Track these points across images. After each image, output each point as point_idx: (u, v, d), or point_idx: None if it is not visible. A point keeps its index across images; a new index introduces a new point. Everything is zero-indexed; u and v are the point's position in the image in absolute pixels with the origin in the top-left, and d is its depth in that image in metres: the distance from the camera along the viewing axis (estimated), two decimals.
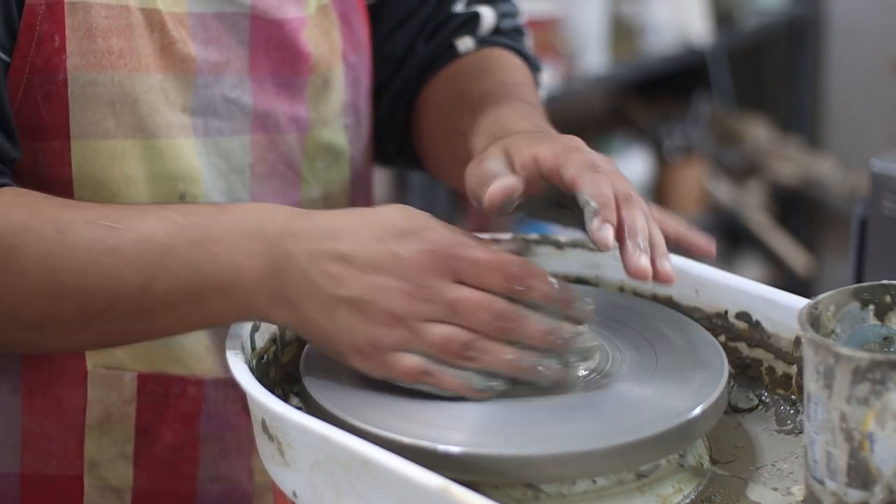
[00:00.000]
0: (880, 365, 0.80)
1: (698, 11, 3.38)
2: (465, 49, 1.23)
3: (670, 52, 3.35)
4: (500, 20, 1.25)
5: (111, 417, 1.09)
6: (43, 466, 1.09)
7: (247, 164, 1.11)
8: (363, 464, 0.81)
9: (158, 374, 1.10)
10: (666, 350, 0.97)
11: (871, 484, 0.82)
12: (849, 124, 3.61)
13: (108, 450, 1.10)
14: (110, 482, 1.10)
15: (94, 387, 1.09)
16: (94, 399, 1.09)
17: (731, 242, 3.70)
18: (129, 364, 1.09)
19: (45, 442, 1.09)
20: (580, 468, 0.86)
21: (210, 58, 1.08)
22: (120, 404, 1.09)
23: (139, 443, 1.10)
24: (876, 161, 1.23)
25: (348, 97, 1.18)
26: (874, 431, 0.81)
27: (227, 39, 1.09)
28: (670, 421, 0.88)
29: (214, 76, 1.08)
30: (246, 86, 1.10)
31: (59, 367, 1.08)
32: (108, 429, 1.10)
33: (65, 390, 1.09)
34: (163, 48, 1.06)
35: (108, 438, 1.10)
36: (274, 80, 1.12)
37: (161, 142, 1.06)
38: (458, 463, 0.84)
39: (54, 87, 1.02)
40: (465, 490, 0.77)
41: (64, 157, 1.04)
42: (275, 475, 0.89)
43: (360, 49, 1.19)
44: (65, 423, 1.09)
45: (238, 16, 1.09)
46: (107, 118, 1.04)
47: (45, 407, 1.09)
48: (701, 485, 0.91)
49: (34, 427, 1.09)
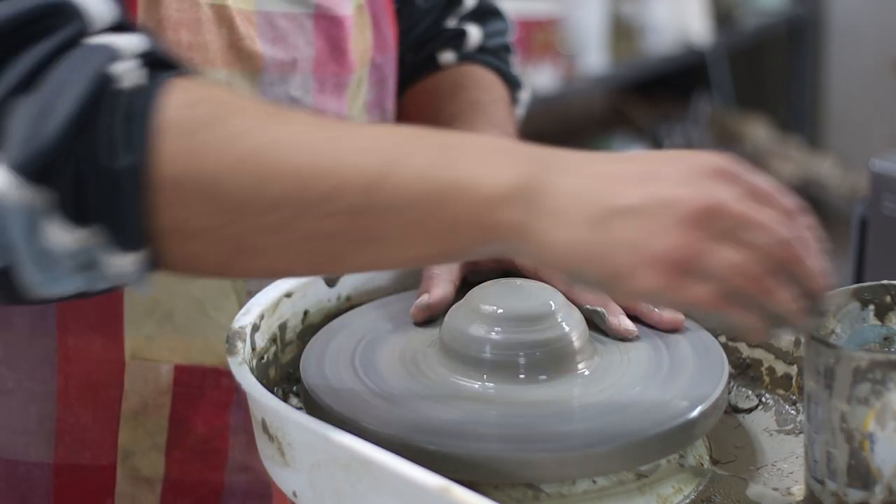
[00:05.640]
0: (880, 365, 0.80)
1: (698, 11, 3.39)
2: (444, 62, 1.27)
3: (670, 52, 3.36)
4: (487, 39, 1.29)
5: (147, 408, 1.10)
6: (76, 457, 1.10)
7: None
8: (363, 464, 0.81)
9: (194, 366, 1.10)
10: (666, 350, 0.97)
11: (871, 484, 0.82)
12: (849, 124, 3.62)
13: (142, 440, 1.10)
14: (142, 472, 1.11)
15: (132, 378, 1.09)
16: (131, 390, 1.09)
17: None
18: (167, 356, 1.09)
19: (80, 432, 1.10)
20: (580, 468, 0.86)
21: (277, 57, 1.09)
22: (156, 395, 1.10)
23: (172, 433, 1.11)
24: (876, 161, 1.23)
25: (372, 96, 1.19)
26: (874, 431, 0.81)
27: (295, 39, 1.10)
28: (670, 421, 0.88)
29: (280, 75, 1.09)
30: (309, 85, 1.11)
31: (96, 358, 1.09)
32: (143, 420, 1.10)
33: (102, 381, 1.09)
34: (230, 44, 1.06)
35: (143, 429, 1.10)
36: (332, 81, 1.13)
37: None
38: (458, 463, 0.84)
39: None
40: (465, 490, 0.77)
41: None
42: (275, 475, 0.89)
43: (386, 50, 1.21)
44: (100, 414, 1.09)
45: (304, 16, 1.10)
46: None
47: (80, 397, 1.09)
48: (701, 485, 0.92)
49: (69, 417, 1.09)
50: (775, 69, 3.69)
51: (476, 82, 1.24)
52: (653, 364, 0.95)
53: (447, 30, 1.28)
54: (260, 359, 0.98)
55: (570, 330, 0.93)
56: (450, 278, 1.03)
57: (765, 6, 3.58)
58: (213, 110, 0.79)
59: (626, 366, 0.95)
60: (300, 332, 1.03)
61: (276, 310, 1.00)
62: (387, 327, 1.00)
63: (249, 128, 0.79)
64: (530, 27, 3.01)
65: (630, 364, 0.95)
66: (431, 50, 1.27)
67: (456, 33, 1.27)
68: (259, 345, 0.98)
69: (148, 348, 1.09)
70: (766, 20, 3.58)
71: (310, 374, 0.94)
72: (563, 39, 3.10)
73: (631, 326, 0.98)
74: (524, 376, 0.91)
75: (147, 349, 1.09)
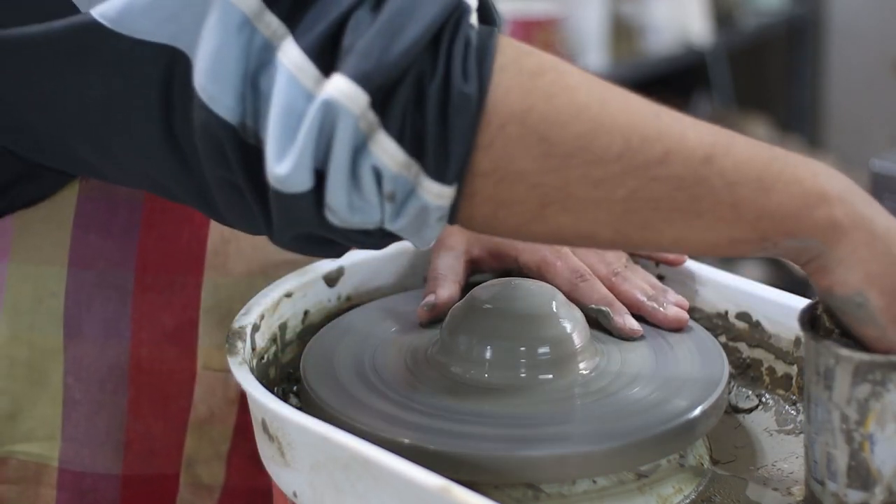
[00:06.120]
0: (880, 366, 0.80)
1: (698, 11, 3.39)
2: None
3: (670, 52, 3.36)
4: None
5: (213, 417, 1.09)
6: (145, 467, 1.08)
7: None
8: (363, 464, 0.81)
9: None
10: (666, 350, 0.97)
11: (871, 485, 0.82)
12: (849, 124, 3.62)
13: (206, 449, 1.09)
14: (203, 480, 1.10)
15: (202, 388, 1.08)
16: (200, 400, 1.08)
17: None
18: None
19: (149, 443, 1.08)
20: (580, 468, 0.86)
21: None
22: (223, 405, 1.09)
23: (235, 442, 1.10)
24: (876, 161, 1.23)
25: None
26: (874, 433, 0.81)
27: None
28: (670, 421, 0.88)
29: None
30: None
31: (169, 368, 1.07)
32: (209, 429, 1.09)
33: (172, 391, 1.07)
34: None
35: (208, 438, 1.09)
36: None
37: None
38: (458, 463, 0.84)
39: None
40: (465, 490, 0.77)
41: None
42: (275, 475, 0.89)
43: None
44: (170, 423, 1.08)
45: None
46: None
47: (151, 407, 1.07)
48: (701, 485, 0.92)
49: (139, 428, 1.08)
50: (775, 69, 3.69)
51: None
52: (653, 364, 0.95)
53: None
54: (260, 359, 0.98)
55: (571, 330, 0.93)
56: (455, 279, 1.03)
57: (765, 6, 3.58)
58: (544, 63, 0.79)
59: (626, 366, 0.95)
60: (300, 332, 1.03)
61: (276, 310, 1.00)
62: (387, 327, 1.00)
63: (580, 83, 0.79)
64: (530, 27, 3.01)
65: (630, 364, 0.95)
66: None
67: None
68: (259, 345, 0.98)
69: (219, 358, 1.08)
70: (766, 20, 3.57)
71: (310, 374, 0.94)
72: (563, 39, 3.10)
73: (636, 325, 0.98)
74: (525, 376, 0.91)
75: (219, 359, 1.07)
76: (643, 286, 1.01)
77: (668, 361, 0.95)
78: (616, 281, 1.01)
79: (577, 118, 0.78)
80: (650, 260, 1.07)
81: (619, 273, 1.02)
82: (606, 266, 1.02)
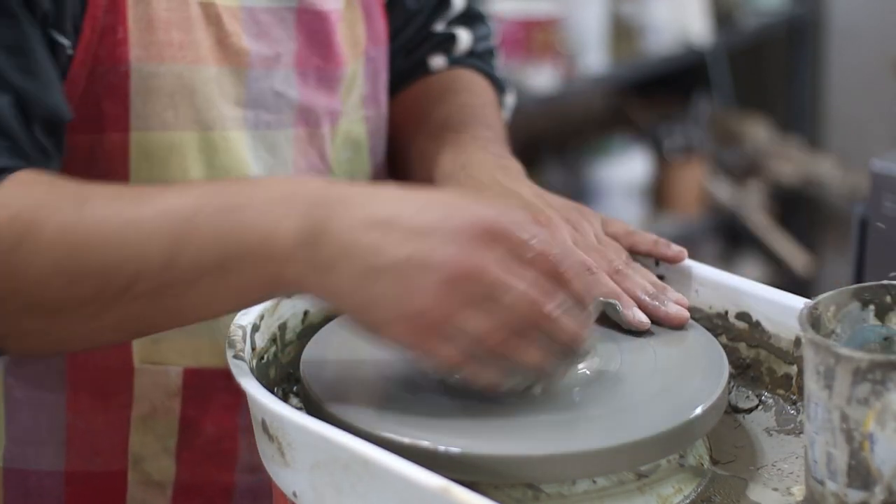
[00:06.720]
0: (880, 365, 0.80)
1: (698, 11, 3.38)
2: (436, 67, 1.27)
3: (670, 52, 3.36)
4: (476, 43, 1.29)
5: (156, 412, 1.10)
6: (88, 464, 1.10)
7: (291, 158, 1.12)
8: (363, 464, 0.81)
9: (203, 369, 1.10)
10: (666, 350, 0.97)
11: (871, 484, 0.82)
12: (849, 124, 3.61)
13: (152, 445, 1.10)
14: (153, 476, 1.11)
15: (141, 383, 1.09)
16: (140, 395, 1.09)
17: (731, 242, 3.70)
18: (175, 359, 1.09)
19: (91, 439, 1.09)
20: (580, 468, 0.86)
21: (262, 52, 1.09)
22: (165, 399, 1.10)
23: (182, 437, 1.11)
24: (876, 161, 1.23)
25: (367, 89, 1.20)
26: (874, 432, 0.81)
27: (277, 33, 1.10)
28: (670, 421, 0.88)
29: (265, 70, 1.10)
30: (292, 80, 1.12)
31: (104, 365, 1.08)
32: (153, 424, 1.10)
33: (111, 387, 1.09)
34: (219, 41, 1.07)
35: (153, 433, 1.10)
36: (317, 75, 1.14)
37: (216, 134, 1.07)
38: (458, 463, 0.84)
39: (117, 79, 1.03)
40: (465, 490, 0.77)
41: (123, 150, 1.04)
42: (275, 475, 0.89)
43: (379, 43, 1.21)
44: (110, 420, 1.09)
45: (287, 10, 1.11)
46: (166, 109, 1.05)
47: (91, 404, 1.09)
48: (701, 485, 0.91)
49: (79, 424, 1.09)
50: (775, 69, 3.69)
51: (465, 86, 1.25)
52: (653, 364, 0.95)
53: (437, 33, 1.28)
54: (260, 359, 0.98)
55: None
56: None
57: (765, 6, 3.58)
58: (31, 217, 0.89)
59: (626, 366, 0.95)
60: (300, 332, 1.03)
61: (276, 310, 1.00)
62: None
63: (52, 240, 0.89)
64: (530, 27, 3.01)
65: (630, 364, 0.95)
66: (422, 54, 1.27)
67: (445, 37, 1.28)
68: (259, 345, 0.98)
69: (156, 352, 1.08)
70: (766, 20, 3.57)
71: (310, 374, 0.94)
72: (563, 39, 3.10)
73: (644, 318, 0.99)
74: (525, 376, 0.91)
75: (156, 353, 1.08)
76: (644, 284, 1.01)
77: (668, 361, 0.95)
78: (617, 278, 1.01)
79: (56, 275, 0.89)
80: (650, 257, 1.07)
81: (620, 271, 1.02)
82: (608, 263, 1.02)
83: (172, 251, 0.87)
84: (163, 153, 1.05)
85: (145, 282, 0.88)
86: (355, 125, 1.18)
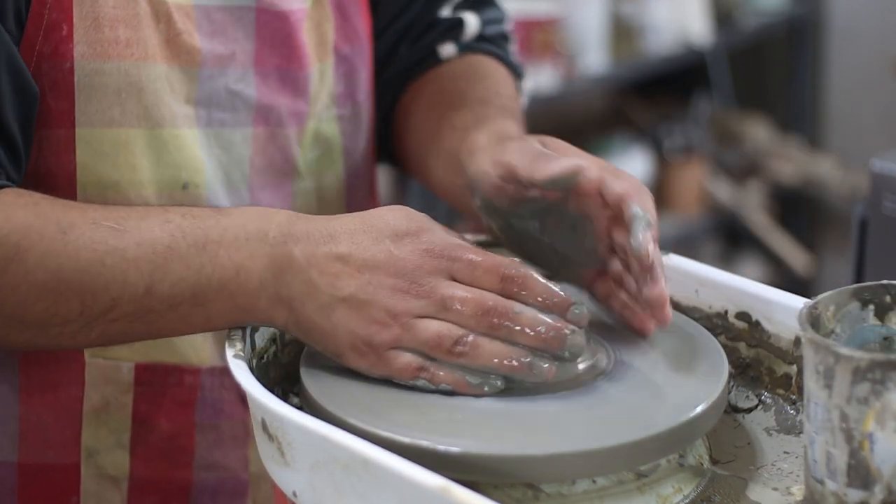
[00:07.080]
0: (880, 365, 0.80)
1: (698, 11, 3.38)
2: (446, 55, 1.24)
3: (670, 52, 3.36)
4: (485, 27, 1.26)
5: (108, 407, 1.10)
6: (40, 456, 1.10)
7: (247, 157, 1.12)
8: (363, 464, 0.81)
9: (155, 364, 1.11)
10: (666, 350, 0.97)
11: (871, 484, 0.82)
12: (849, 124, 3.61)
13: (105, 439, 1.11)
14: (107, 470, 1.11)
15: (92, 377, 1.09)
16: (92, 389, 1.10)
17: (731, 242, 3.70)
18: (127, 354, 1.10)
19: (43, 432, 1.10)
20: (580, 468, 0.86)
21: (215, 50, 1.09)
22: (117, 394, 1.10)
23: (136, 432, 1.11)
24: (876, 161, 1.23)
25: (340, 89, 1.19)
26: (874, 431, 0.81)
27: (233, 32, 1.10)
28: (670, 421, 0.88)
29: (219, 68, 1.09)
30: (250, 79, 1.11)
31: (56, 359, 1.09)
32: (106, 418, 1.10)
33: (62, 381, 1.09)
34: (168, 39, 1.06)
35: (106, 427, 1.10)
36: (278, 74, 1.13)
37: (165, 131, 1.07)
38: (458, 463, 0.84)
39: (61, 76, 1.03)
40: (465, 490, 0.77)
41: (68, 146, 1.04)
42: (275, 475, 0.89)
43: (357, 42, 1.20)
44: (62, 413, 1.10)
45: (244, 9, 1.10)
46: (112, 107, 1.04)
47: (42, 397, 1.09)
48: (701, 485, 0.91)
49: (32, 417, 1.10)
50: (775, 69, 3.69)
51: (490, 74, 1.22)
52: (652, 364, 0.95)
53: (443, 19, 1.25)
54: (260, 359, 0.98)
55: None
56: None
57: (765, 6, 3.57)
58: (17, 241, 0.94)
59: (625, 366, 0.95)
60: None
61: None
62: None
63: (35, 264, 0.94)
64: (530, 27, 3.01)
65: (630, 364, 0.95)
66: (430, 42, 1.24)
67: (453, 23, 1.25)
68: (259, 345, 0.98)
69: (108, 348, 1.09)
70: (766, 20, 3.57)
71: (309, 374, 0.94)
72: (563, 39, 3.10)
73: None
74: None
75: (107, 349, 1.09)
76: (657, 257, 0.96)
77: (668, 361, 0.95)
78: None
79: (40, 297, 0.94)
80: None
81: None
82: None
83: (151, 280, 0.94)
84: (109, 149, 1.05)
85: (125, 306, 0.95)
86: (326, 125, 1.18)
